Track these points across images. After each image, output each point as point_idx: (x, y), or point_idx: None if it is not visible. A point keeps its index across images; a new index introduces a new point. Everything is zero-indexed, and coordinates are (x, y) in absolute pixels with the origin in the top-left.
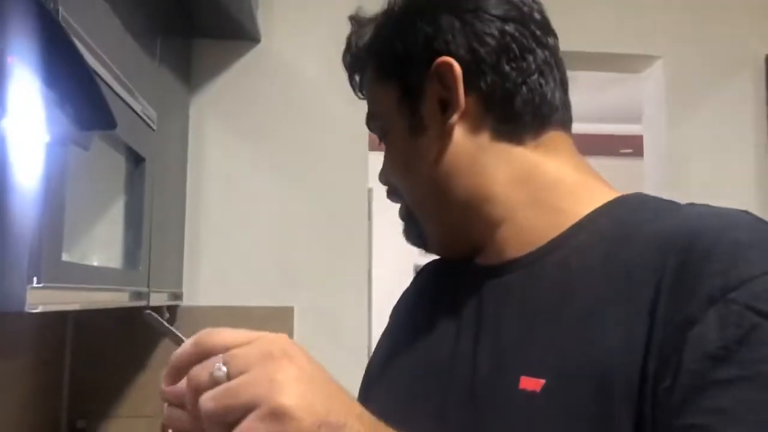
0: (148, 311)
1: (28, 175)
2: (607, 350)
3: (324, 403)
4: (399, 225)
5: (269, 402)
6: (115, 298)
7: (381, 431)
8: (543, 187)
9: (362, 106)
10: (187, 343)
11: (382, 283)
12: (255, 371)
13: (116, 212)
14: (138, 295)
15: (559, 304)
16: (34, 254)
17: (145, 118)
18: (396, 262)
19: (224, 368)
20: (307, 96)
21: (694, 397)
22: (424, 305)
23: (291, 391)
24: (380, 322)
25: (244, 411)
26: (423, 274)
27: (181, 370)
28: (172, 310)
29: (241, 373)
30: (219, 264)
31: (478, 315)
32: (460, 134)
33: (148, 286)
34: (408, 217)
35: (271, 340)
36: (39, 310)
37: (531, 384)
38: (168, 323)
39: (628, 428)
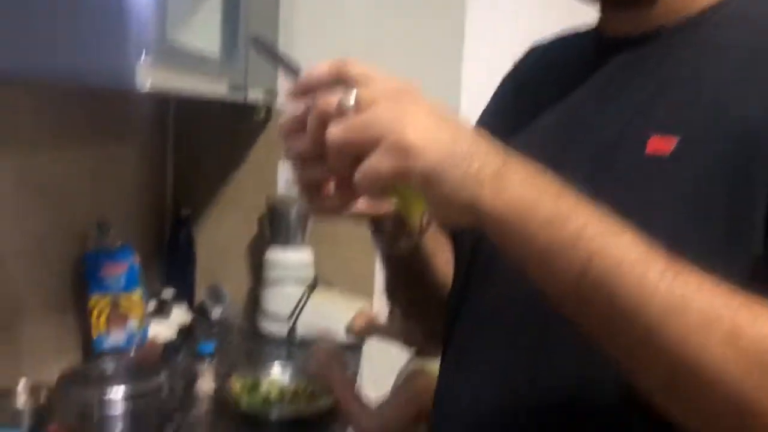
0: (256, 37)
1: None
2: (751, 113)
3: (450, 135)
4: (494, 22)
5: (396, 136)
6: (215, 89)
7: (512, 164)
8: None
9: None
10: (324, 65)
11: (473, 82)
12: (383, 105)
13: (214, 3)
14: (236, 89)
15: (696, 73)
16: (143, 33)
17: None
18: (487, 62)
19: (354, 98)
20: None
21: None
22: (536, 81)
23: (417, 124)
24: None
25: (369, 145)
26: (530, 55)
27: (309, 90)
28: (268, 108)
29: (370, 105)
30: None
31: (606, 82)
32: None
33: (245, 81)
34: None
35: (401, 80)
36: (147, 89)
37: (661, 144)
38: (263, 122)
39: (764, 193)
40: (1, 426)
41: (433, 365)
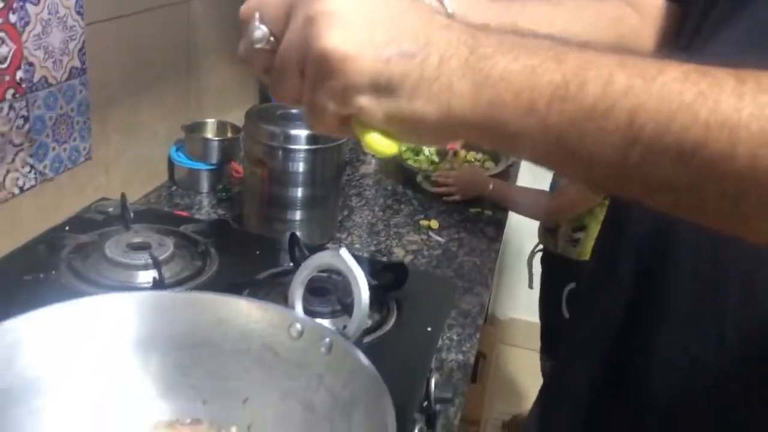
0: None
1: None
2: None
3: (389, 28)
4: None
5: (311, 53)
6: None
7: (483, 39)
8: None
9: None
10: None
11: None
12: (292, 23)
13: None
14: None
15: None
16: None
17: None
18: None
19: (264, 27)
20: None
21: None
22: None
23: (333, 28)
24: None
25: (299, 72)
26: None
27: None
28: None
29: (283, 27)
30: None
31: None
32: None
33: None
34: None
35: None
36: None
37: None
38: None
39: None
40: (194, 158)
41: None
